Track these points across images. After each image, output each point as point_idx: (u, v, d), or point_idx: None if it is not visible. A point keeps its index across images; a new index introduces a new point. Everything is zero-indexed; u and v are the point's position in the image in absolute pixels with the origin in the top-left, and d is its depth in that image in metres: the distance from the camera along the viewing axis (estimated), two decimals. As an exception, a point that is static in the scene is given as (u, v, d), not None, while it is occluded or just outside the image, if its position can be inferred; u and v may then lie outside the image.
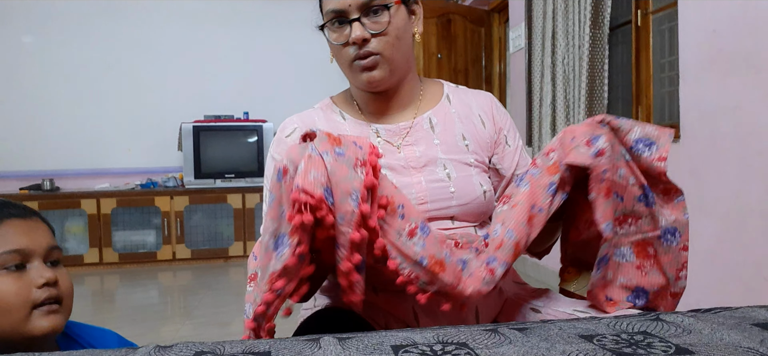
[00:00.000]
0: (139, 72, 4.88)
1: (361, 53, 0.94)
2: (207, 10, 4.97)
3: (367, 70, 0.95)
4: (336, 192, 0.70)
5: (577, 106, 2.89)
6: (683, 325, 0.56)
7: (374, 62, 0.94)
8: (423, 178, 0.97)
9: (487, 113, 1.06)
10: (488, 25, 4.54)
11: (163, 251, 4.55)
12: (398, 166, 0.98)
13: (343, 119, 1.04)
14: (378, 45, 0.93)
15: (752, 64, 1.94)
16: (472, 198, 0.97)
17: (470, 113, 1.06)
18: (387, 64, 0.95)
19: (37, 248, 0.87)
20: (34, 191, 4.47)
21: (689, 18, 2.24)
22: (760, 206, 1.93)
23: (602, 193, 0.80)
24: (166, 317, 3.28)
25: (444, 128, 1.02)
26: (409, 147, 1.00)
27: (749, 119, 1.96)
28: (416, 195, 0.95)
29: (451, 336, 0.55)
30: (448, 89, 1.09)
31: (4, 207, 0.88)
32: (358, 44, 0.93)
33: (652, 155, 0.82)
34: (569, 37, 2.98)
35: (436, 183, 0.96)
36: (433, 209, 0.95)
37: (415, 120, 1.02)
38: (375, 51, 0.93)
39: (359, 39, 0.92)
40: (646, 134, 0.83)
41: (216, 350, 0.52)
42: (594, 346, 0.51)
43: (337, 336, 0.56)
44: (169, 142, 4.85)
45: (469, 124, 1.04)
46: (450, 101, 1.06)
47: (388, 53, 0.94)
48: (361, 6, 0.92)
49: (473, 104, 1.07)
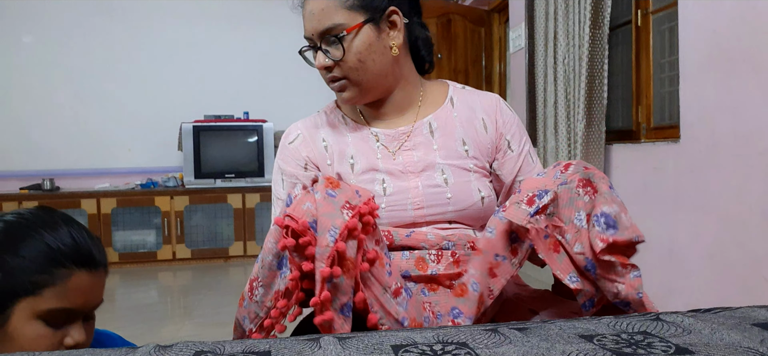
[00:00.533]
0: (139, 72, 4.88)
1: (329, 77, 0.99)
2: (207, 9, 4.97)
3: (338, 91, 1.00)
4: (319, 227, 0.73)
5: (577, 106, 2.89)
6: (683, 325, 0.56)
7: (342, 86, 0.98)
8: (420, 182, 0.98)
9: (490, 116, 1.05)
10: (488, 25, 4.54)
11: (163, 251, 4.55)
12: (396, 170, 0.99)
13: (345, 124, 1.06)
14: (341, 71, 0.97)
15: (752, 64, 1.94)
16: (468, 204, 0.98)
17: (473, 117, 1.04)
18: (354, 86, 0.98)
19: (88, 308, 0.78)
20: (34, 191, 4.47)
21: (689, 18, 2.24)
22: (760, 206, 1.93)
23: (551, 249, 0.78)
24: (166, 317, 3.28)
25: (444, 132, 1.02)
26: (408, 152, 1.01)
27: (749, 119, 1.96)
28: (412, 200, 0.96)
29: (451, 335, 0.55)
30: (452, 90, 1.08)
31: (77, 251, 0.75)
32: (323, 69, 0.97)
33: (603, 234, 0.74)
34: (570, 37, 2.98)
35: (433, 188, 0.97)
36: (429, 214, 0.97)
37: (415, 125, 1.03)
38: (339, 76, 0.97)
39: (321, 67, 0.97)
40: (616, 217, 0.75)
41: (216, 350, 0.52)
42: (594, 346, 0.51)
43: (337, 336, 0.56)
44: (169, 142, 4.85)
45: (470, 128, 1.03)
46: (453, 104, 1.06)
47: (353, 77, 0.97)
48: (320, 34, 0.95)
49: (477, 106, 1.06)
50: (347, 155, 1.02)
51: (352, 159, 1.02)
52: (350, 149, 1.03)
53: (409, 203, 0.96)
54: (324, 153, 1.04)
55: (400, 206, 0.97)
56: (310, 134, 1.06)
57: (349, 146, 1.03)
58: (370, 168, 1.00)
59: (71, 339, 0.75)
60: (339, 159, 1.02)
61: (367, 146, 1.03)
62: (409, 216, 0.97)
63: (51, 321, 0.73)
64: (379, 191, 0.97)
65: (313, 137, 1.06)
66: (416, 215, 0.97)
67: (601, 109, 2.84)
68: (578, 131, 2.85)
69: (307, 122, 1.08)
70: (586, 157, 2.83)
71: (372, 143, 1.02)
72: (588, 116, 2.84)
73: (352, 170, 1.01)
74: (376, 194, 0.96)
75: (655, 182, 2.47)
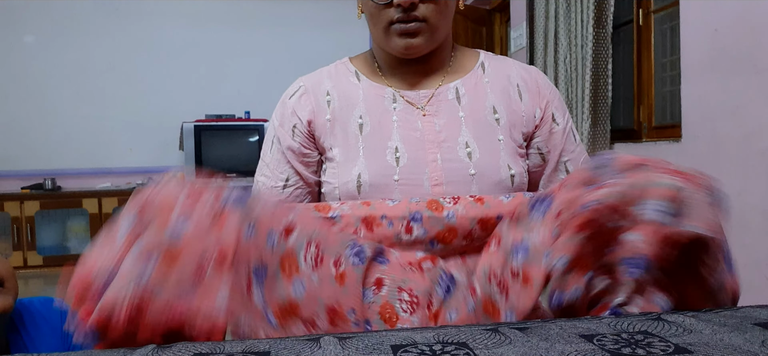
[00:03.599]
0: (140, 72, 4.88)
1: (405, 17, 0.84)
2: (209, 9, 4.98)
3: (408, 36, 0.85)
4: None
5: (581, 105, 2.89)
6: (684, 325, 0.56)
7: (418, 29, 0.85)
8: (439, 155, 0.86)
9: (528, 85, 0.92)
10: (489, 25, 4.54)
11: (164, 250, 4.55)
12: (413, 137, 0.87)
13: (357, 80, 0.94)
14: (426, 10, 0.84)
15: (753, 64, 1.94)
16: (495, 181, 0.86)
17: (507, 85, 0.92)
18: (430, 32, 0.86)
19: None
20: (35, 191, 4.47)
21: (691, 17, 2.24)
22: (761, 206, 1.93)
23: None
24: (167, 316, 3.28)
25: (473, 98, 0.91)
26: (429, 118, 0.89)
27: (750, 119, 1.96)
28: (430, 175, 0.85)
29: (451, 335, 0.55)
30: (484, 57, 0.97)
31: None
32: (403, 6, 0.83)
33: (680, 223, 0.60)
34: (571, 36, 2.98)
35: (454, 163, 0.86)
36: (449, 191, 0.84)
37: (439, 89, 0.91)
38: (421, 16, 0.84)
39: (407, 2, 0.82)
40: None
41: (215, 350, 0.52)
42: (594, 346, 0.51)
43: (337, 336, 0.56)
44: (170, 141, 4.86)
45: (503, 96, 0.91)
46: (484, 70, 0.94)
47: (435, 20, 0.85)
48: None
49: (513, 73, 0.94)
50: (356, 114, 0.90)
51: (360, 119, 0.89)
52: (360, 107, 0.90)
53: (426, 177, 0.85)
54: (324, 108, 0.91)
55: (415, 181, 0.85)
56: (313, 87, 0.94)
57: (360, 103, 0.90)
58: (383, 131, 0.88)
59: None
60: (344, 116, 0.90)
61: (382, 105, 0.90)
62: (425, 193, 0.84)
63: None
64: (391, 162, 0.86)
65: (315, 90, 0.93)
66: (434, 192, 0.84)
67: (606, 108, 2.84)
68: (583, 130, 2.85)
69: (311, 75, 0.97)
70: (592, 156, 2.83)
71: (388, 104, 0.90)
72: (593, 116, 2.84)
73: (360, 131, 0.89)
74: (388, 166, 0.85)
75: (656, 182, 2.47)
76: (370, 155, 0.87)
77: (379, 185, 0.85)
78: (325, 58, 1.06)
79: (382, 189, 0.84)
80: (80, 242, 4.47)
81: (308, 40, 4.99)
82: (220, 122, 4.68)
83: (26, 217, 4.32)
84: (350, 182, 0.86)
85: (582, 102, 2.87)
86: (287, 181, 0.93)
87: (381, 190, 0.84)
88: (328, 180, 0.91)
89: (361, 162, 0.87)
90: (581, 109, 2.88)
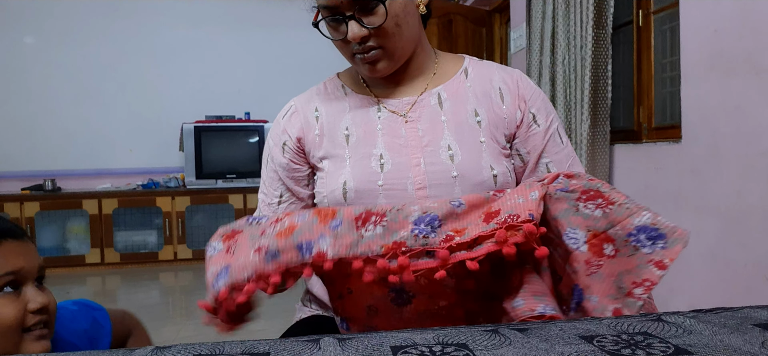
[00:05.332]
0: (140, 72, 4.88)
1: (362, 49, 0.88)
2: (208, 10, 4.98)
3: (370, 63, 0.89)
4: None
5: (580, 107, 2.88)
6: (684, 326, 0.56)
7: (376, 56, 0.88)
8: (423, 160, 0.89)
9: (510, 87, 0.94)
10: (489, 26, 4.53)
11: (164, 251, 4.55)
12: (396, 144, 0.91)
13: (344, 94, 0.98)
14: (378, 40, 0.87)
15: (753, 65, 1.94)
16: (477, 181, 0.88)
17: (489, 88, 0.94)
18: (389, 57, 0.89)
19: (31, 269, 0.87)
20: (35, 192, 4.47)
21: (691, 18, 2.24)
22: (761, 206, 1.93)
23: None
24: (167, 317, 3.28)
25: (454, 102, 0.93)
26: (412, 124, 0.92)
27: (750, 120, 1.96)
28: (414, 180, 0.88)
29: (451, 336, 0.55)
30: (468, 62, 0.99)
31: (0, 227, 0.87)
32: (356, 41, 0.86)
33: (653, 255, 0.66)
34: (570, 37, 2.98)
35: (437, 166, 0.88)
36: (433, 194, 0.87)
37: (422, 96, 0.94)
38: (375, 46, 0.87)
39: (357, 38, 0.85)
40: (655, 223, 0.67)
41: (215, 351, 0.52)
42: (594, 348, 0.51)
43: (336, 337, 0.56)
44: (170, 142, 4.86)
45: (485, 99, 0.94)
46: (467, 75, 0.96)
47: (391, 45, 0.88)
48: (354, 1, 0.84)
49: (495, 77, 0.96)
50: (342, 126, 0.94)
51: (347, 130, 0.93)
52: (346, 120, 0.94)
53: (410, 182, 0.88)
54: (313, 124, 0.96)
55: (399, 185, 0.88)
56: (303, 105, 0.98)
57: (346, 117, 0.95)
58: (368, 140, 0.92)
59: (35, 301, 0.85)
60: (331, 129, 0.94)
61: (368, 116, 0.94)
62: (410, 197, 0.88)
63: (4, 288, 0.83)
64: (376, 168, 0.89)
65: (305, 108, 0.98)
66: (418, 195, 0.88)
67: (606, 109, 2.84)
68: (583, 131, 2.84)
69: (303, 95, 1.01)
70: (591, 157, 2.83)
71: (373, 114, 0.94)
72: (593, 116, 2.84)
73: (346, 141, 0.93)
74: (372, 172, 0.89)
75: (656, 183, 2.47)
76: (356, 163, 0.90)
77: (364, 191, 0.88)
78: (325, 59, 1.08)
79: (367, 195, 0.88)
80: (80, 243, 4.47)
81: (308, 41, 4.97)
82: (220, 122, 4.68)
83: (26, 218, 4.32)
84: (337, 189, 0.90)
85: (581, 103, 2.87)
86: (281, 197, 0.99)
87: (366, 195, 0.88)
88: (318, 190, 0.95)
89: (347, 171, 0.90)
90: (581, 110, 2.88)
